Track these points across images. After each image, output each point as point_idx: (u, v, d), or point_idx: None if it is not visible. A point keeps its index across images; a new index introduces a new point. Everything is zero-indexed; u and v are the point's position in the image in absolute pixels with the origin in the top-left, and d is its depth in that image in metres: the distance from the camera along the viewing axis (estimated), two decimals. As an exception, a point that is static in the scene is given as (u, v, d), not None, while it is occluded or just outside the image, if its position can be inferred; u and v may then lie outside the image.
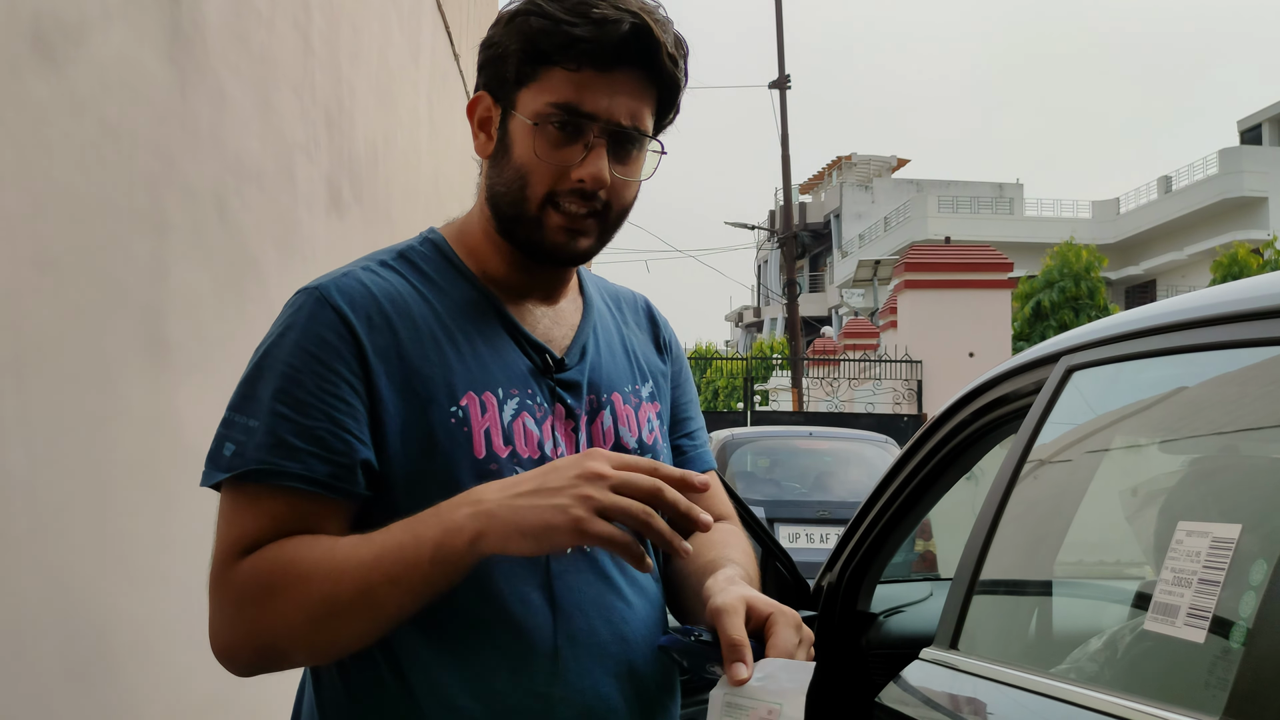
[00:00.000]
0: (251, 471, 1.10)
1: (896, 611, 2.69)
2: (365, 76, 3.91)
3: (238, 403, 1.14)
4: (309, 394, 1.11)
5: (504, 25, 1.20)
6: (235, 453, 1.11)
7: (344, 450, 1.11)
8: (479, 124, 1.25)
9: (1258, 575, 1.12)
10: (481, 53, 1.24)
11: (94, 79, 1.83)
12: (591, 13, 1.14)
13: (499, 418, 1.18)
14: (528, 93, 1.18)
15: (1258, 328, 1.29)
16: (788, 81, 20.40)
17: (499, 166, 1.22)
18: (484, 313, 1.24)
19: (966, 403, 2.11)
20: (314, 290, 1.18)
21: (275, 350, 1.14)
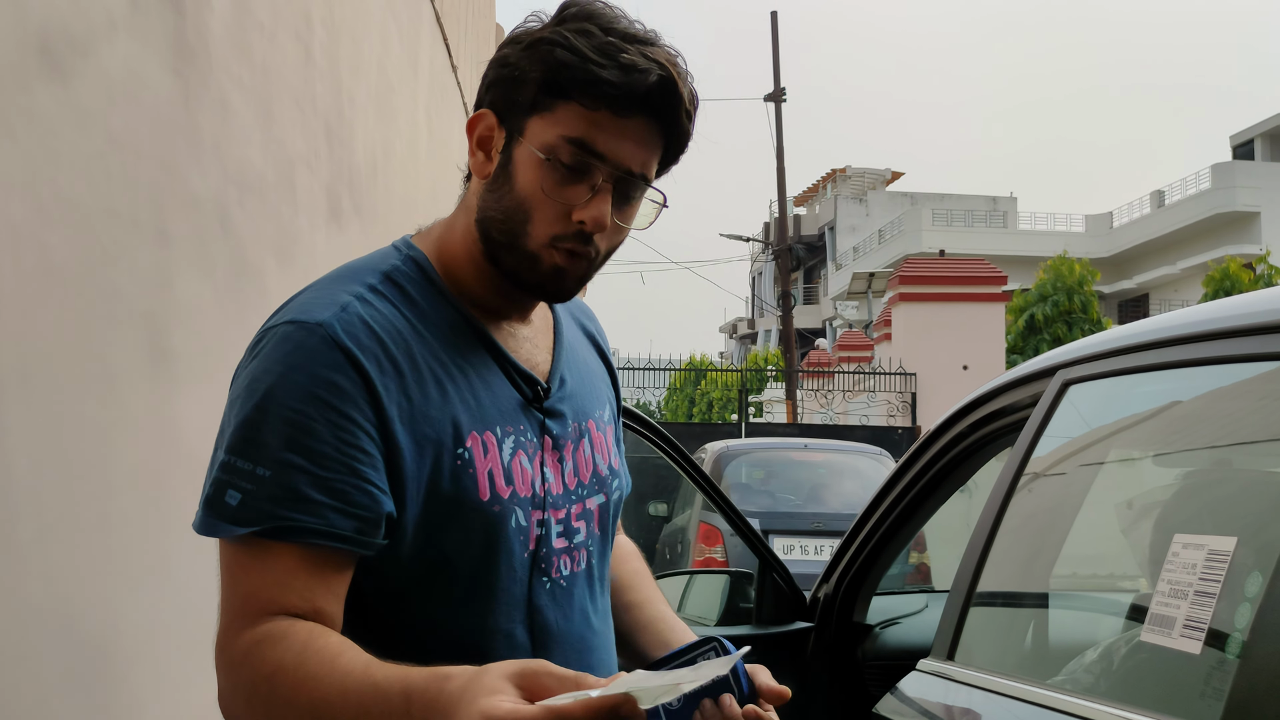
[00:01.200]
0: (273, 529, 1.04)
1: (892, 623, 2.70)
2: (365, 88, 3.93)
3: (239, 447, 1.06)
4: (325, 444, 1.06)
5: (524, 49, 1.15)
6: (243, 503, 1.05)
7: (368, 505, 1.07)
8: (478, 142, 1.19)
9: (1253, 587, 1.14)
10: (492, 70, 1.19)
11: (100, 90, 1.85)
12: (620, 57, 1.12)
13: (499, 457, 1.17)
14: (539, 122, 1.14)
15: (1253, 343, 1.31)
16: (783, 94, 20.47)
17: (498, 192, 1.17)
18: (470, 341, 1.20)
19: (963, 415, 2.12)
20: (315, 327, 1.09)
21: (279, 393, 1.06)
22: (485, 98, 1.20)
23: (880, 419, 17.59)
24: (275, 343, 1.10)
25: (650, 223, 1.24)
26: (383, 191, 4.32)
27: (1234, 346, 1.34)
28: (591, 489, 1.27)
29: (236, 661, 1.04)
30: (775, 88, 20.48)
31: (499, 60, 1.18)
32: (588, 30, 1.13)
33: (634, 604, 1.41)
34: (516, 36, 1.18)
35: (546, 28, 1.15)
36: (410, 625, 1.14)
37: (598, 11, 1.15)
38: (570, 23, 1.14)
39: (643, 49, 1.13)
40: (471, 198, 1.21)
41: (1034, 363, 1.89)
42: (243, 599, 1.05)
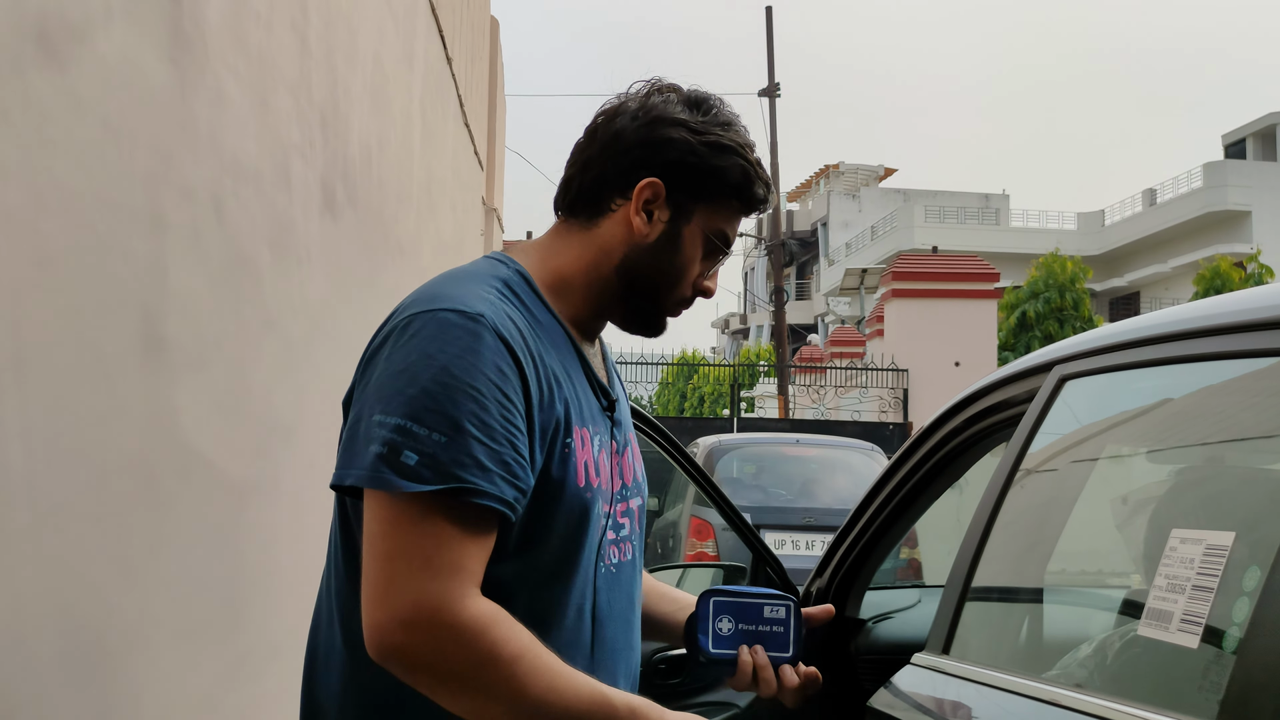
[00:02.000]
0: (452, 489, 1.15)
1: (885, 618, 2.70)
2: (360, 79, 3.92)
3: (417, 414, 1.17)
4: (494, 420, 1.19)
5: (708, 148, 1.36)
6: (422, 464, 1.15)
7: (524, 477, 1.22)
8: (643, 205, 1.37)
9: (1251, 582, 1.14)
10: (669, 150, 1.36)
11: (96, 78, 1.84)
12: (763, 174, 1.41)
13: (590, 451, 1.33)
14: (706, 211, 1.38)
15: (1250, 339, 1.31)
16: (777, 89, 20.46)
17: (659, 255, 1.38)
18: (569, 350, 1.36)
19: (959, 410, 2.13)
20: (479, 318, 1.23)
21: (456, 370, 1.18)
22: (654, 170, 1.37)
23: (872, 415, 17.63)
24: (440, 327, 1.21)
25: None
26: (377, 183, 4.31)
27: (1231, 342, 1.35)
28: (633, 490, 1.46)
29: (473, 630, 1.15)
30: (769, 83, 20.47)
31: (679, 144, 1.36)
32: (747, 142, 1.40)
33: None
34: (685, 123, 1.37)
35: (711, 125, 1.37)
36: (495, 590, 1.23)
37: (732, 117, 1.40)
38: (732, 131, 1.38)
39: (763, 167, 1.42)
40: (612, 245, 1.38)
41: (1031, 358, 1.89)
42: (457, 566, 1.16)
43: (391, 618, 1.15)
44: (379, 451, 1.16)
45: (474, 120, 8.74)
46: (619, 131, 1.38)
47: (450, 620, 1.14)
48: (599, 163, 1.39)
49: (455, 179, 7.36)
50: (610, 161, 1.38)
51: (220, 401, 2.41)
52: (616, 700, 1.22)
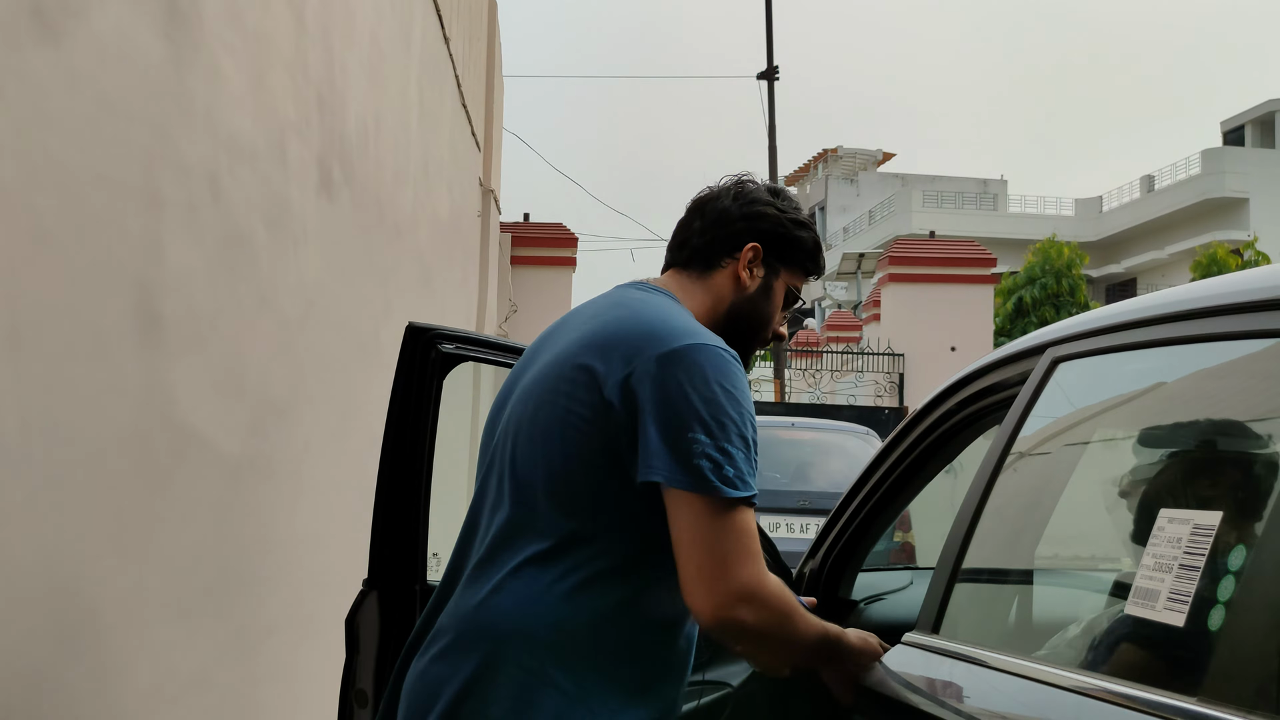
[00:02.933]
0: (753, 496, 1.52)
1: (877, 599, 2.72)
2: (357, 57, 3.91)
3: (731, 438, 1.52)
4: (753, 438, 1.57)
5: (792, 224, 1.81)
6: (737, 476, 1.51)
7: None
8: (746, 263, 1.78)
9: (1236, 561, 1.15)
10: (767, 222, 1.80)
11: (92, 54, 1.83)
12: (822, 251, 1.86)
13: None
14: (788, 271, 1.83)
15: (1242, 321, 1.32)
16: (776, 73, 20.40)
17: (756, 303, 1.80)
18: None
19: (952, 392, 2.13)
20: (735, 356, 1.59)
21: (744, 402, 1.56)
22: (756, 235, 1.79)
23: (868, 399, 17.64)
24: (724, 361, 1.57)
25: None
26: (373, 163, 4.30)
27: (1223, 324, 1.35)
28: None
29: (776, 594, 1.52)
30: (768, 66, 20.41)
31: (774, 220, 1.80)
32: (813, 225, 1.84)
33: None
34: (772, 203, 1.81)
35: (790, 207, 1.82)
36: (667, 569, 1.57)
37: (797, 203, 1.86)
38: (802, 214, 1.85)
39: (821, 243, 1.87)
40: (724, 292, 1.79)
41: (1023, 340, 1.90)
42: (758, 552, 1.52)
43: (730, 595, 1.48)
44: (707, 466, 1.49)
45: (471, 100, 8.72)
46: (725, 209, 1.81)
47: (765, 593, 1.50)
48: (710, 230, 1.80)
49: (452, 159, 7.35)
50: (720, 229, 1.79)
51: (216, 379, 2.41)
52: (830, 629, 1.69)
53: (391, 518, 2.07)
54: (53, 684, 1.71)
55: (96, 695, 1.85)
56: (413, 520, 2.08)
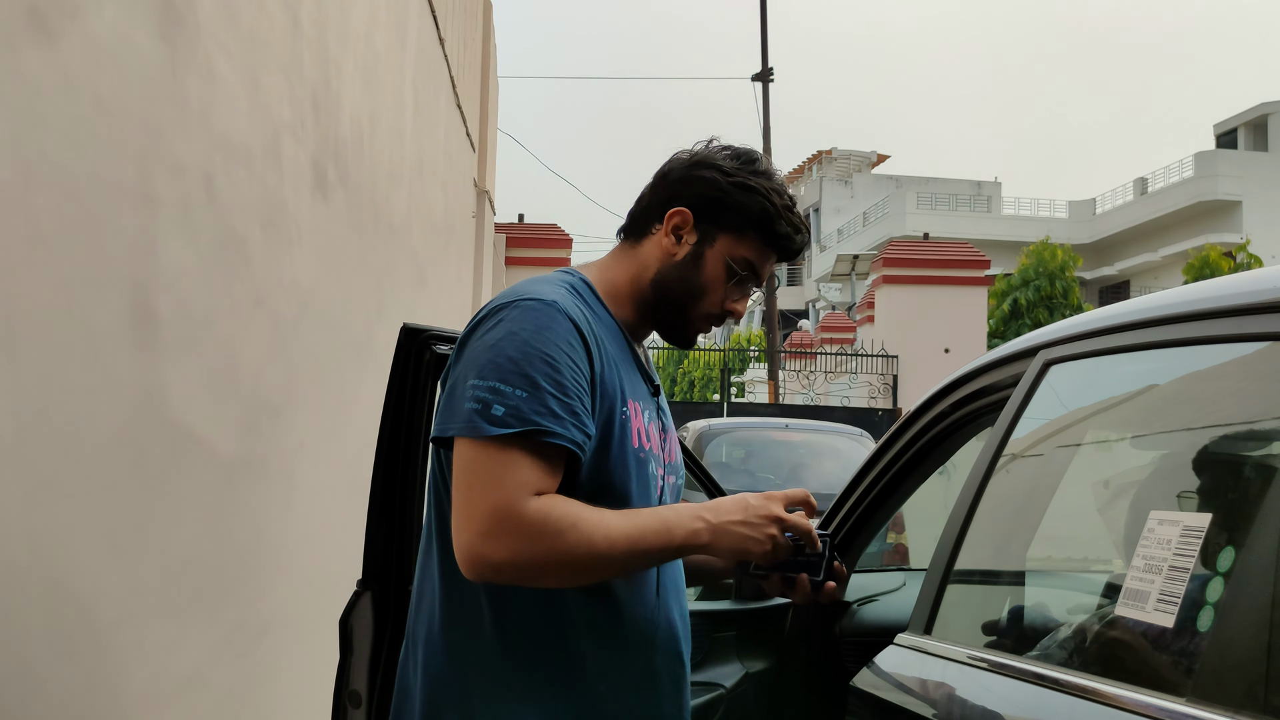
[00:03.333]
0: (531, 431, 1.42)
1: (870, 600, 2.73)
2: (352, 58, 3.91)
3: (505, 376, 1.45)
4: (567, 380, 1.47)
5: (733, 185, 1.64)
6: (508, 414, 1.43)
7: (588, 424, 1.49)
8: (673, 229, 1.66)
9: (1226, 562, 1.16)
10: (699, 185, 1.65)
11: (87, 54, 1.83)
12: (793, 220, 1.67)
13: (643, 421, 1.62)
14: (730, 239, 1.66)
15: (1233, 324, 1.33)
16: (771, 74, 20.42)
17: (684, 272, 1.66)
18: (623, 344, 1.65)
19: (945, 394, 2.14)
20: (553, 304, 1.51)
21: (535, 342, 1.47)
22: (682, 200, 1.66)
23: (861, 400, 17.66)
24: (522, 311, 1.50)
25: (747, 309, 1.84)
26: (368, 163, 4.30)
27: (1215, 327, 1.36)
28: (673, 469, 1.74)
29: (537, 519, 1.41)
30: (763, 68, 20.43)
31: (709, 181, 1.65)
32: (777, 190, 1.66)
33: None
34: (720, 167, 1.66)
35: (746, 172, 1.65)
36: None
37: (773, 173, 1.69)
38: (762, 177, 1.66)
39: (798, 215, 1.69)
40: (649, 261, 1.68)
41: (1016, 343, 1.91)
42: (522, 483, 1.42)
43: (474, 533, 1.41)
44: (474, 408, 1.44)
45: (466, 101, 8.72)
46: (667, 171, 1.70)
47: (515, 519, 1.40)
48: (648, 195, 1.70)
49: (447, 160, 7.35)
50: (655, 194, 1.70)
51: (210, 379, 2.41)
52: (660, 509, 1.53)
53: (385, 518, 2.07)
54: (47, 683, 1.71)
55: (91, 695, 1.85)
56: (407, 521, 2.08)
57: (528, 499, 1.41)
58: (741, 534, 1.53)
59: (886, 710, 1.76)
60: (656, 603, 1.63)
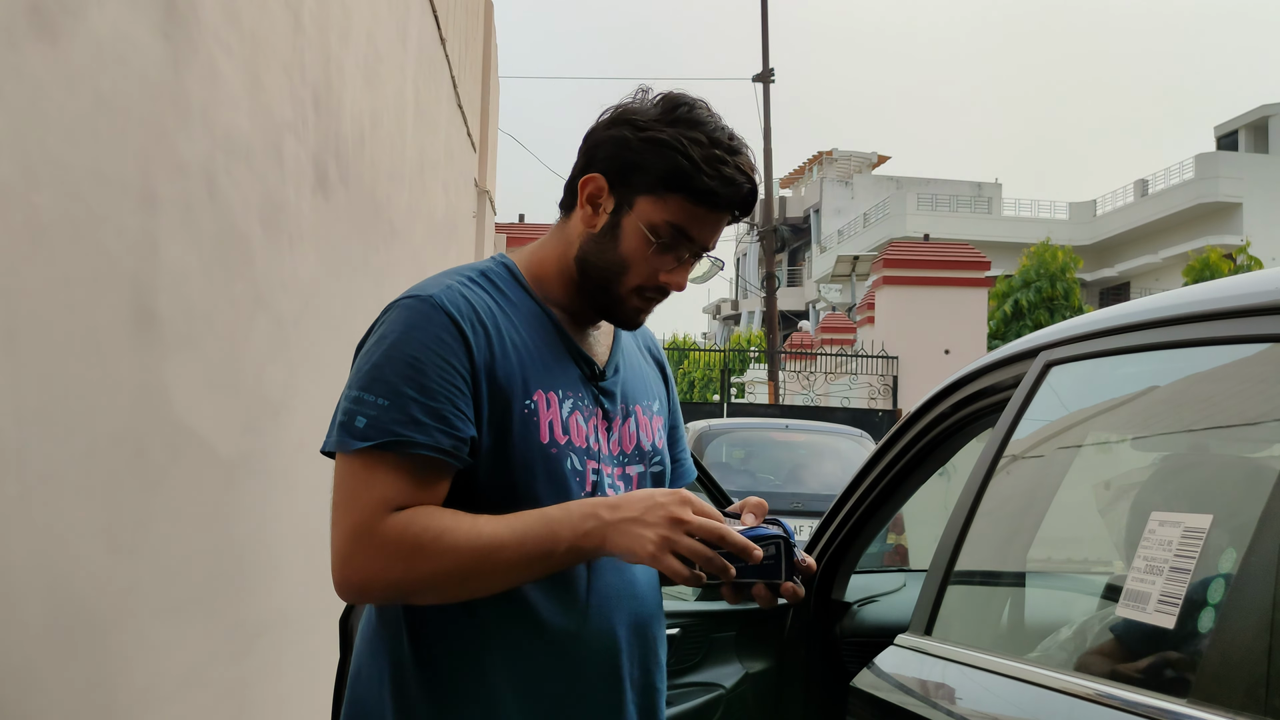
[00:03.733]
0: (391, 442, 1.34)
1: (870, 601, 2.73)
2: (354, 58, 3.91)
3: (368, 384, 1.37)
4: (433, 382, 1.37)
5: (644, 142, 1.44)
6: (369, 425, 1.35)
7: (461, 427, 1.38)
8: (588, 198, 1.50)
9: (1227, 564, 1.16)
10: (609, 145, 1.48)
11: (89, 52, 1.83)
12: (723, 170, 1.44)
13: (560, 413, 1.47)
14: (649, 203, 1.46)
15: (1233, 325, 1.33)
16: (771, 75, 20.42)
17: (602, 245, 1.49)
18: (545, 327, 1.52)
19: (946, 395, 2.14)
20: (428, 298, 1.42)
21: (401, 344, 1.38)
22: (598, 165, 1.49)
23: (861, 401, 17.66)
24: (398, 311, 1.42)
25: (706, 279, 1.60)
26: (369, 162, 4.30)
27: (1216, 329, 1.36)
28: (633, 458, 1.58)
29: (394, 535, 1.33)
30: (764, 68, 20.43)
31: (619, 140, 1.47)
32: (699, 140, 1.43)
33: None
34: (633, 121, 1.46)
35: (661, 123, 1.45)
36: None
37: (703, 120, 1.46)
38: (683, 127, 1.44)
39: (737, 160, 1.46)
40: (573, 236, 1.53)
41: (1017, 344, 1.91)
42: (380, 499, 1.34)
43: (335, 554, 1.35)
44: (341, 420, 1.38)
45: (467, 101, 8.72)
46: (588, 133, 1.53)
47: (370, 538, 1.33)
48: (575, 163, 1.55)
49: (448, 160, 7.35)
50: (578, 160, 1.54)
51: (211, 378, 2.41)
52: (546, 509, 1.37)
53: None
54: (46, 681, 1.71)
55: (90, 694, 1.85)
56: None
57: (384, 516, 1.33)
58: (632, 533, 1.33)
59: (887, 711, 1.76)
60: (584, 615, 1.46)
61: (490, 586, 1.36)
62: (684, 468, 1.77)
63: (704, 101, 1.49)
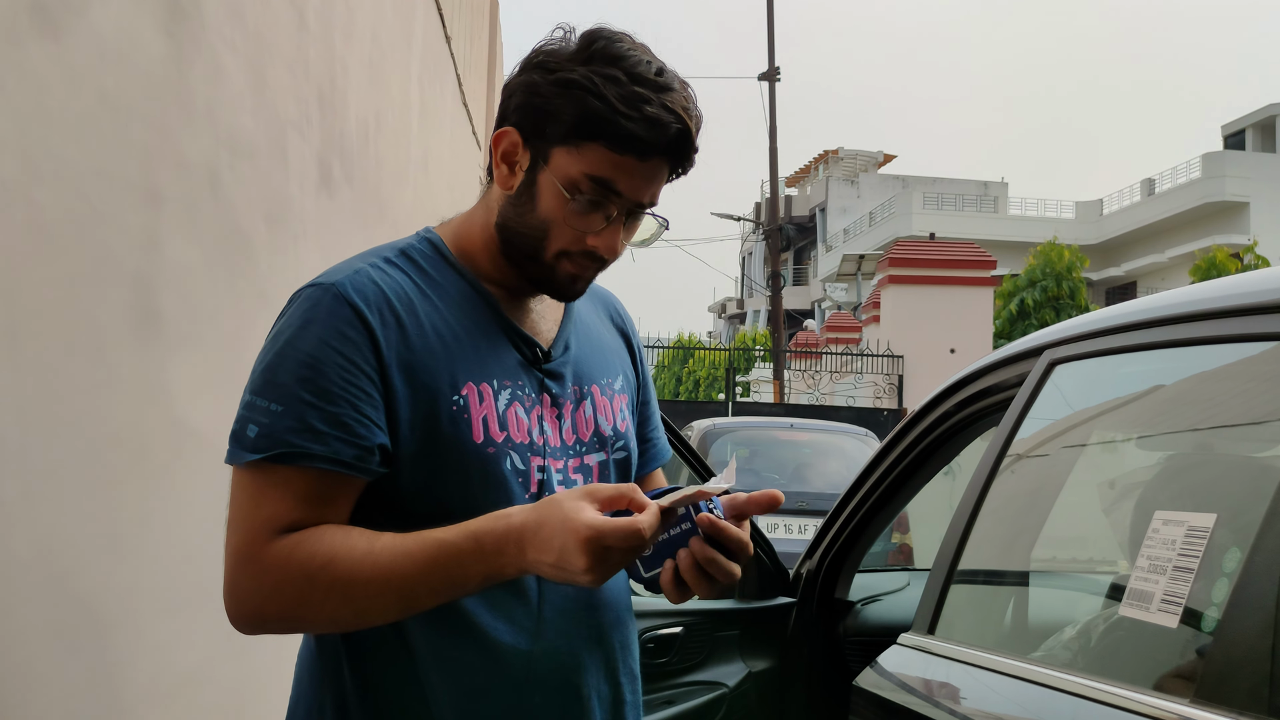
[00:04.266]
0: (284, 454, 1.18)
1: (874, 599, 2.72)
2: (358, 55, 3.91)
3: (260, 388, 1.22)
4: (332, 384, 1.20)
5: (553, 85, 1.25)
6: (260, 434, 1.19)
7: (365, 435, 1.21)
8: (502, 156, 1.31)
9: (1231, 563, 1.15)
10: (520, 94, 1.29)
11: (92, 50, 1.83)
12: (645, 110, 1.23)
13: (495, 406, 1.29)
14: (565, 154, 1.26)
15: (1240, 324, 1.32)
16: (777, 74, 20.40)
17: (520, 208, 1.30)
18: (478, 308, 1.34)
19: (950, 394, 2.14)
20: (330, 286, 1.25)
21: (297, 341, 1.22)
22: (510, 117, 1.31)
23: (867, 400, 17.65)
24: (297, 303, 1.26)
25: (648, 238, 1.39)
26: (374, 161, 4.30)
27: (1221, 327, 1.36)
28: (591, 446, 1.39)
29: (278, 563, 1.17)
30: (769, 67, 20.41)
31: (528, 86, 1.28)
32: (616, 77, 1.23)
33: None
34: (545, 63, 1.27)
35: (574, 62, 1.25)
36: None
37: (622, 54, 1.25)
38: (598, 64, 1.24)
39: (663, 98, 1.24)
40: (493, 201, 1.35)
41: (1021, 342, 1.90)
42: (266, 518, 1.19)
43: (225, 580, 1.21)
44: (234, 429, 1.22)
45: (472, 100, 8.72)
46: (505, 83, 1.33)
47: (254, 564, 1.18)
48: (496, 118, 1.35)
49: (453, 158, 7.35)
50: (498, 114, 1.35)
51: (213, 376, 2.41)
52: (453, 536, 1.17)
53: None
54: (48, 680, 1.71)
55: (92, 691, 1.85)
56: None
57: (270, 539, 1.18)
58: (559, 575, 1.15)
59: (889, 710, 1.76)
60: (536, 632, 1.29)
61: (391, 616, 1.20)
62: (656, 448, 1.57)
63: (628, 34, 1.29)
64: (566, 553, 1.11)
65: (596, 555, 1.11)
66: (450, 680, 1.26)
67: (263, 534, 1.19)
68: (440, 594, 1.18)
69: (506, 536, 1.15)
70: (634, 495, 1.15)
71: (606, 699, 1.37)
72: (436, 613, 1.23)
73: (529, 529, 1.14)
